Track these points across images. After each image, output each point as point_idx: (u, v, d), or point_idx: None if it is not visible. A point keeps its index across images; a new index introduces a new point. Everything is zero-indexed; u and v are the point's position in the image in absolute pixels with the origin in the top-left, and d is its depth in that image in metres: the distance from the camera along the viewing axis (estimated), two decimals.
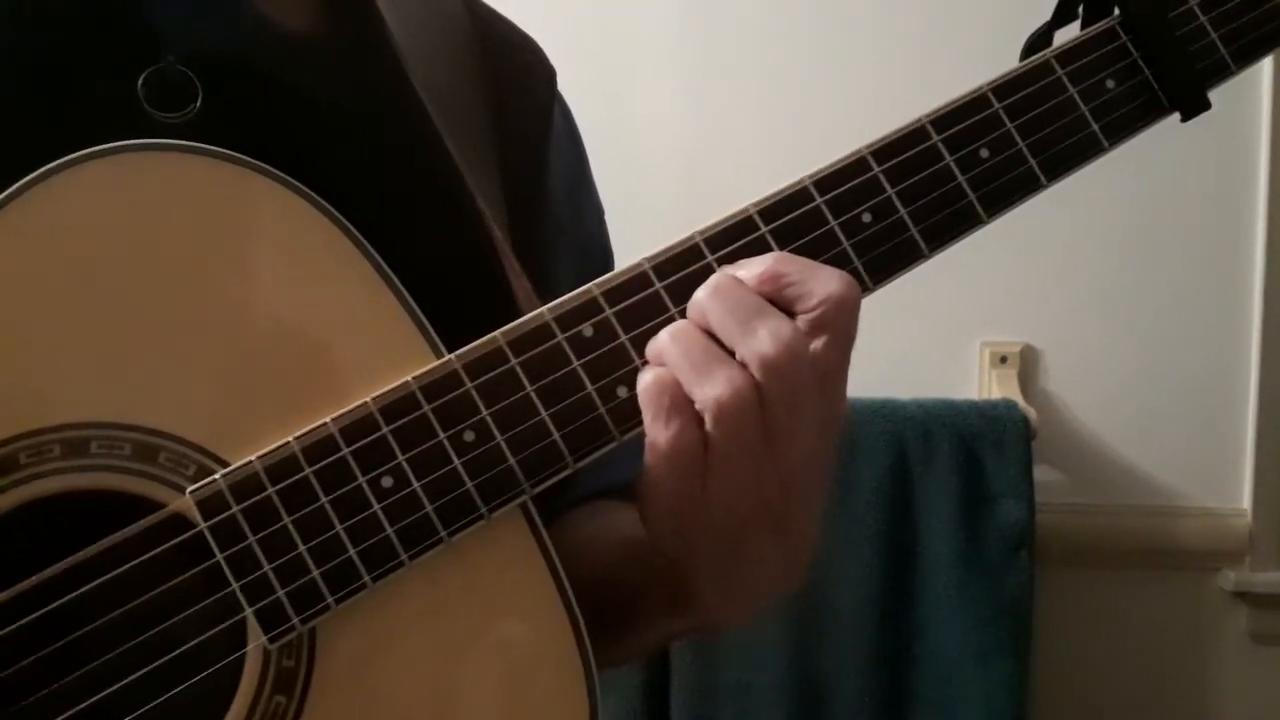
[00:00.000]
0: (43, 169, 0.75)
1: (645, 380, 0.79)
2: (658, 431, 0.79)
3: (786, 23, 2.42)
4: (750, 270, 0.80)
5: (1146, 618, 2.45)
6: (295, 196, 0.79)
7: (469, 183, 0.98)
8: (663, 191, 2.34)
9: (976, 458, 2.30)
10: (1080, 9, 0.92)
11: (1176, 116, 0.91)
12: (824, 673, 2.28)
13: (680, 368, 0.78)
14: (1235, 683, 2.46)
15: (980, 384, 2.44)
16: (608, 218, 1.20)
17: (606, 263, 1.16)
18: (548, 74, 1.15)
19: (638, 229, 1.18)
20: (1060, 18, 0.92)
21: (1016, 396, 2.37)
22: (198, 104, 0.85)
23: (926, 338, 2.36)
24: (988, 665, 2.26)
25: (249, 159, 0.79)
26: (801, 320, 0.79)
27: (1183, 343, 2.42)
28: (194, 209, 0.78)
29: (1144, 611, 2.45)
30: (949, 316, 2.37)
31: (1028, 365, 2.44)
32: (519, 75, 1.12)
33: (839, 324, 0.79)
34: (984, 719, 2.25)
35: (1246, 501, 2.44)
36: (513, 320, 0.82)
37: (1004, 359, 2.42)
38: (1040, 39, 0.91)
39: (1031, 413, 2.33)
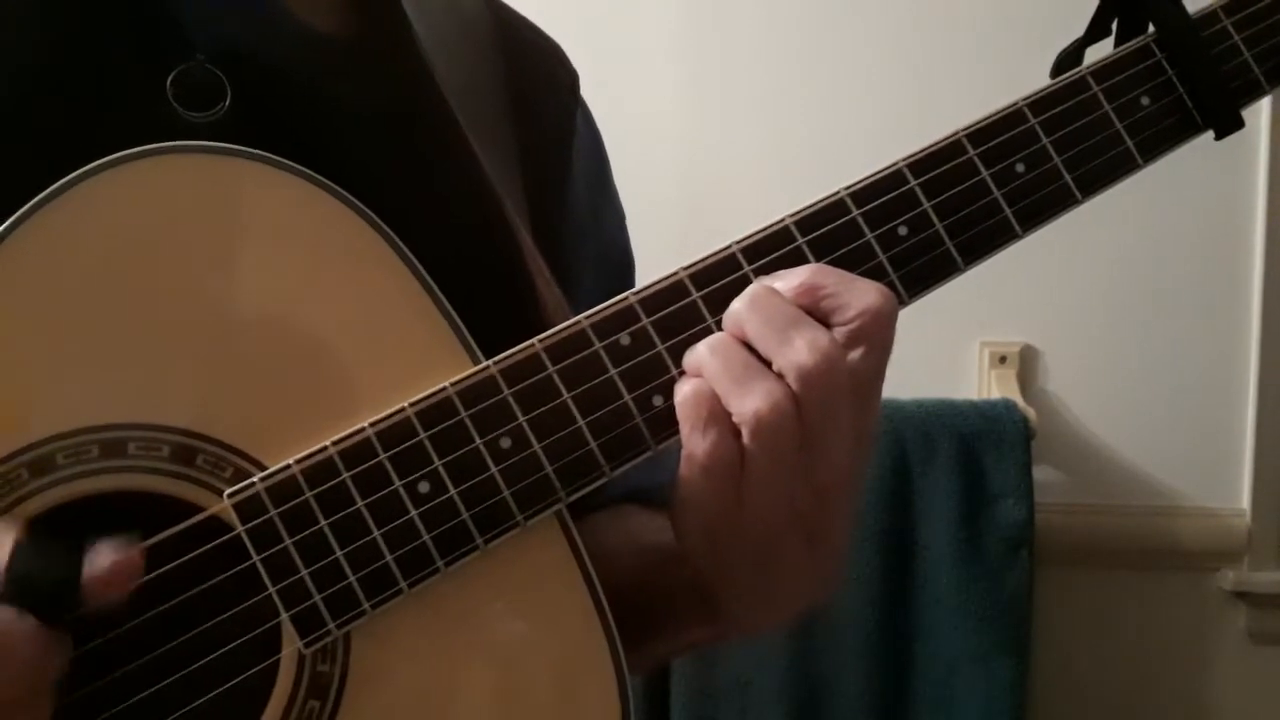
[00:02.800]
0: (81, 170, 0.76)
1: (684, 391, 0.79)
2: (695, 443, 0.79)
3: (786, 23, 2.43)
4: (788, 282, 0.81)
5: (1146, 617, 2.45)
6: (332, 199, 0.80)
7: (495, 186, 0.98)
8: (663, 192, 2.35)
9: (976, 458, 2.30)
10: (1114, 25, 0.92)
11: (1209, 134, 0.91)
12: (824, 672, 2.28)
13: (719, 380, 0.79)
14: (1234, 682, 2.46)
15: (980, 384, 2.44)
16: None
17: (627, 267, 1.17)
18: (570, 78, 1.15)
19: (639, 230, 1.18)
20: (1093, 34, 0.93)
21: (1016, 396, 2.37)
22: (226, 104, 0.85)
23: (926, 338, 2.35)
24: (987, 665, 2.26)
25: (286, 161, 0.79)
26: (838, 332, 0.79)
27: (1182, 343, 2.42)
28: (230, 211, 0.79)
29: (1143, 611, 2.45)
30: (948, 317, 2.37)
31: (1027, 365, 2.44)
32: (542, 79, 1.12)
33: (876, 336, 0.80)
34: (984, 719, 2.25)
35: (1245, 501, 2.44)
36: (540, 327, 0.82)
37: (1003, 359, 2.42)
38: (1071, 55, 0.91)
39: (1031, 413, 2.33)
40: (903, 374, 2.28)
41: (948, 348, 2.42)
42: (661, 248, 1.08)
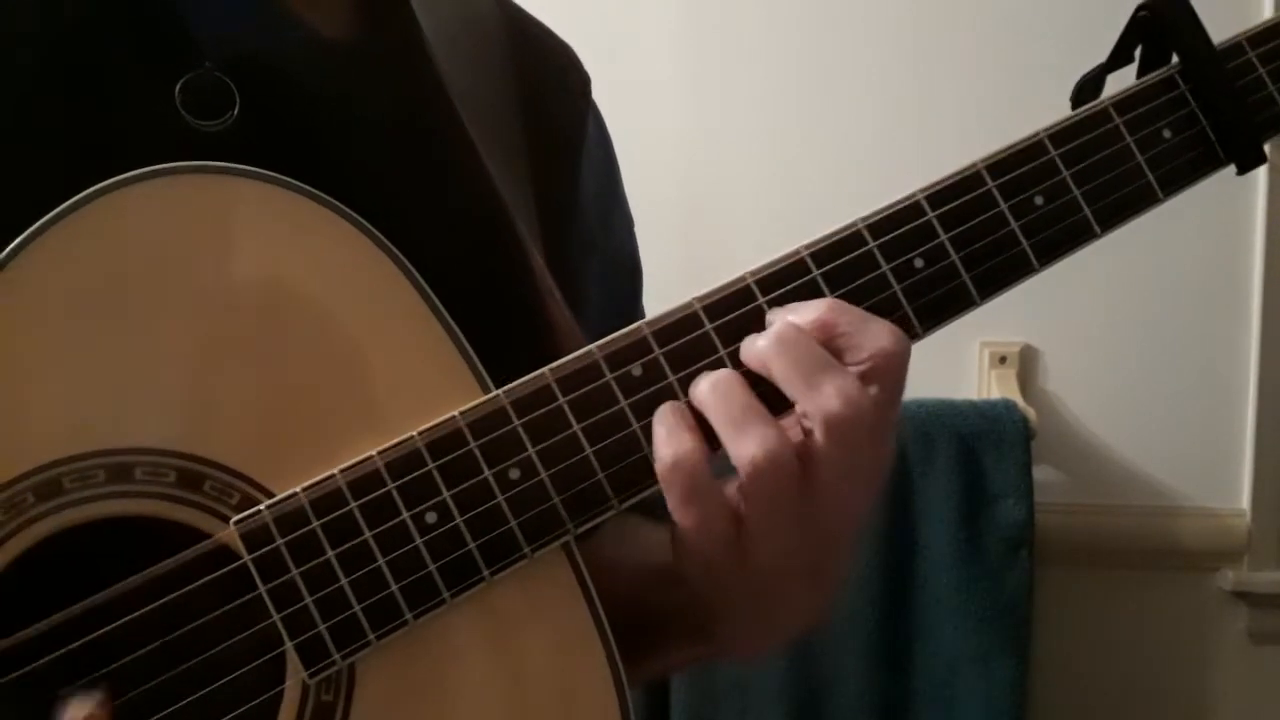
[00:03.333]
0: (92, 189, 0.75)
1: (663, 461, 0.79)
2: (680, 515, 0.79)
3: (787, 23, 2.42)
4: (802, 317, 0.80)
5: (1146, 617, 2.46)
6: (342, 221, 0.79)
7: (503, 194, 0.98)
8: (664, 193, 2.34)
9: (976, 458, 2.29)
10: (1136, 53, 0.91)
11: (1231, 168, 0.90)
12: (824, 673, 2.28)
13: (718, 421, 0.78)
14: (1234, 682, 2.47)
15: (979, 384, 2.44)
16: None
17: (635, 274, 1.16)
18: (582, 81, 1.14)
19: (639, 231, 1.18)
20: (1116, 61, 0.92)
21: (1016, 396, 2.36)
22: (235, 112, 0.84)
23: (926, 338, 2.34)
24: (988, 665, 2.26)
25: (295, 181, 0.78)
26: (851, 371, 0.79)
27: (1182, 343, 2.42)
28: (240, 234, 0.78)
29: (1143, 611, 2.46)
30: None
31: (1027, 365, 2.44)
32: (553, 81, 1.11)
33: (888, 378, 0.79)
34: (984, 719, 2.26)
35: (1245, 501, 2.44)
36: (548, 346, 0.81)
37: (1003, 359, 2.42)
38: (1092, 82, 0.90)
39: (1031, 413, 2.32)
40: None
41: (948, 348, 2.41)
42: (662, 248, 1.08)
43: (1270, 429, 2.42)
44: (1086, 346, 2.44)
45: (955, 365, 2.43)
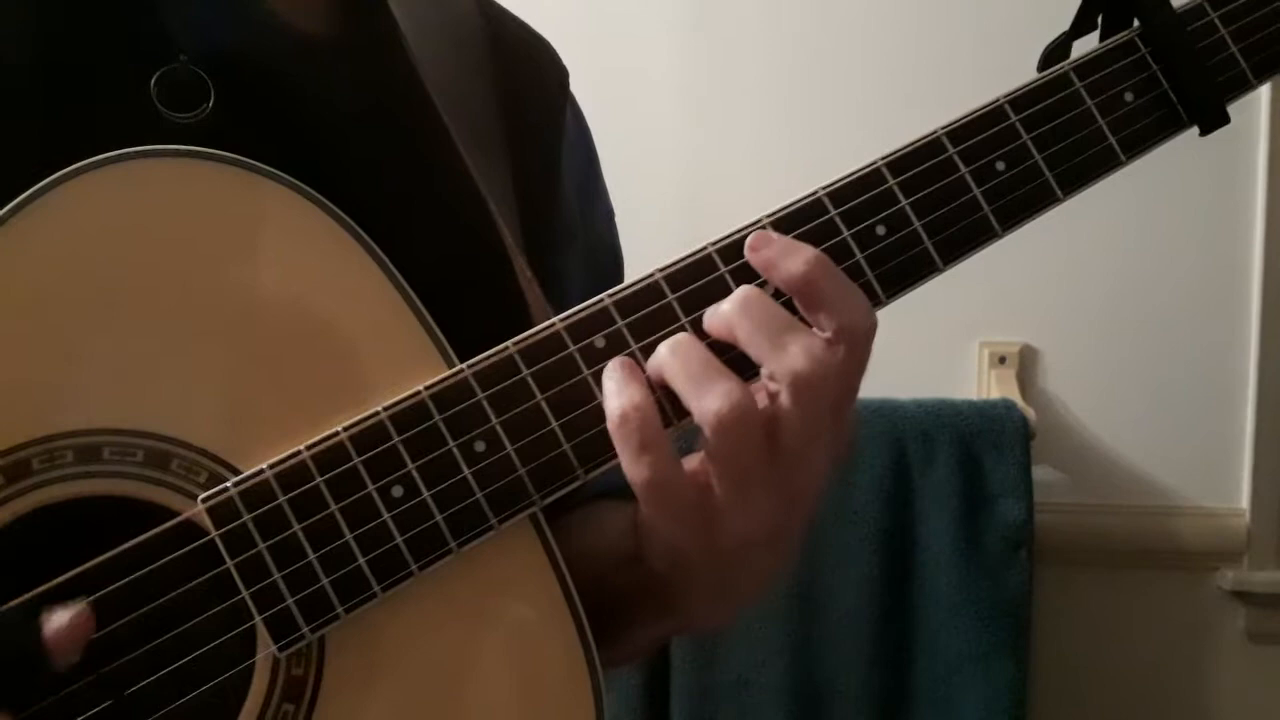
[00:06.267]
0: (57, 175, 0.75)
1: (611, 415, 0.78)
2: (633, 470, 0.78)
3: (787, 28, 2.42)
4: (794, 266, 0.80)
5: (1145, 617, 2.45)
6: (307, 203, 0.79)
7: (481, 187, 0.98)
8: (663, 195, 2.35)
9: (975, 458, 2.29)
10: (1099, 19, 0.91)
11: (1194, 130, 0.90)
12: (824, 672, 2.28)
13: (679, 380, 0.78)
14: (1233, 682, 2.46)
15: (979, 384, 2.43)
16: None
17: (616, 264, 1.16)
18: (560, 75, 1.14)
19: (638, 232, 1.18)
20: (1078, 28, 0.91)
21: (1015, 396, 2.36)
22: (209, 104, 0.85)
23: (925, 338, 2.35)
24: (987, 665, 2.25)
25: (262, 165, 0.79)
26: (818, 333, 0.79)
27: (1182, 343, 2.42)
28: (206, 215, 0.78)
29: (1142, 611, 2.45)
30: (948, 316, 2.36)
31: (1026, 365, 2.43)
32: (531, 76, 1.11)
33: (856, 347, 0.79)
34: (983, 718, 2.25)
35: (1245, 501, 2.43)
36: (524, 327, 0.81)
37: (1003, 359, 2.42)
38: (1057, 49, 0.90)
39: (1030, 413, 2.32)
40: (903, 374, 2.29)
41: (948, 348, 2.42)
42: (660, 250, 1.07)
43: (1270, 429, 2.42)
44: (1086, 346, 2.44)
45: (955, 365, 2.43)
